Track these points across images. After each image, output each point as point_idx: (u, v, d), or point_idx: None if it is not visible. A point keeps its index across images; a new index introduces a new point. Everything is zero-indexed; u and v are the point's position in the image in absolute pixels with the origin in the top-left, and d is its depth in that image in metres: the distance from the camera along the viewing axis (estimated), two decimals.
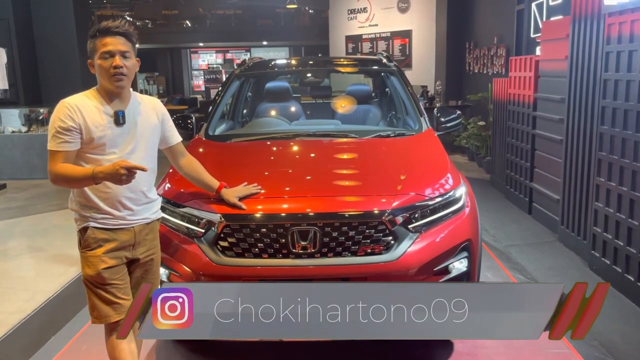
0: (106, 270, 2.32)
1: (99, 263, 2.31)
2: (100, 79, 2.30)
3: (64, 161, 2.24)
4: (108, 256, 2.33)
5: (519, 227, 5.51)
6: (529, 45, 7.34)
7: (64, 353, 3.22)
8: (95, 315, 2.37)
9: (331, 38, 13.36)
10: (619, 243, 3.89)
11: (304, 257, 2.58)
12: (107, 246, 2.33)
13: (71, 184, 2.27)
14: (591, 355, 3.07)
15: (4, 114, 8.77)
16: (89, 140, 2.26)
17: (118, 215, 2.34)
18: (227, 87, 4.32)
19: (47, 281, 4.28)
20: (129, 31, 2.32)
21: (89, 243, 2.32)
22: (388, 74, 4.59)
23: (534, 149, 5.72)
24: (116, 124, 2.30)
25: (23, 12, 9.85)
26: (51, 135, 2.24)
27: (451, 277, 2.70)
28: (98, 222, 2.33)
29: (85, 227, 2.33)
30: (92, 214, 2.32)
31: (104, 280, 2.32)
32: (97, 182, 2.20)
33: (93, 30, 2.28)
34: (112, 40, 2.26)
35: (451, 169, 3.08)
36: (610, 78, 3.97)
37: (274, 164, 3.34)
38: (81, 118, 2.24)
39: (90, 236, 2.32)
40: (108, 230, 2.33)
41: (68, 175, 2.22)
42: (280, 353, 3.13)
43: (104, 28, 2.26)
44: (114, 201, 2.33)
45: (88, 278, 2.34)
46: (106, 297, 2.34)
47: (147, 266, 2.49)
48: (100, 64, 2.26)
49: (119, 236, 2.35)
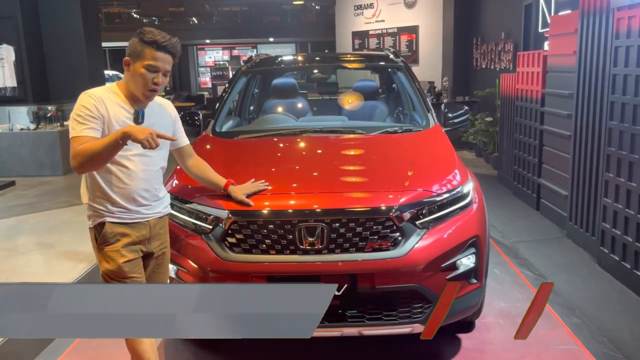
0: (126, 264, 2.33)
1: (119, 257, 2.32)
2: (132, 83, 2.28)
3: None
4: (127, 250, 2.34)
5: (527, 223, 5.49)
6: (536, 41, 7.30)
7: (72, 349, 3.25)
8: None
9: (338, 34, 13.33)
10: (627, 239, 3.87)
11: (312, 253, 2.58)
12: (125, 240, 2.33)
13: (98, 158, 2.16)
14: (599, 352, 3.05)
15: (12, 111, 8.82)
16: (109, 134, 2.23)
17: (134, 209, 2.35)
18: (234, 84, 4.32)
19: (57, 277, 4.31)
20: (179, 52, 2.33)
21: (107, 238, 2.32)
22: (395, 70, 4.58)
23: (542, 145, 5.69)
24: (135, 122, 2.30)
25: (30, 9, 9.89)
26: (75, 122, 2.20)
27: (459, 274, 2.69)
28: (115, 217, 2.32)
29: (101, 222, 2.32)
30: (109, 207, 2.31)
31: (124, 274, 2.33)
32: (124, 141, 2.11)
33: (149, 39, 2.23)
34: (163, 56, 2.26)
35: (459, 165, 3.07)
36: (620, 73, 3.94)
37: (281, 160, 3.34)
38: (105, 110, 2.24)
39: (107, 231, 2.31)
40: (125, 225, 2.34)
41: (94, 149, 2.12)
42: (285, 350, 3.13)
43: (162, 43, 2.24)
44: (131, 196, 2.34)
45: (108, 273, 2.33)
46: None
47: (159, 260, 2.52)
48: (142, 74, 2.24)
49: (135, 230, 2.37)
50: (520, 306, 3.59)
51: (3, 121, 8.80)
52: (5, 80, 9.15)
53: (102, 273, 2.36)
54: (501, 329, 3.29)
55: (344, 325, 2.63)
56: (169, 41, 2.26)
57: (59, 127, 8.71)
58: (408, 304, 2.64)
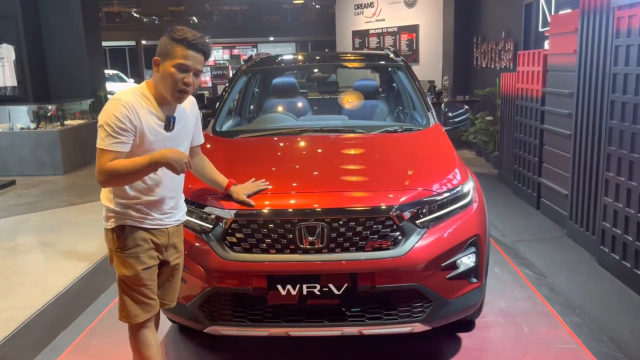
0: (144, 271, 2.29)
1: (138, 264, 2.28)
2: (162, 84, 2.20)
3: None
4: (146, 256, 2.29)
5: (527, 222, 5.49)
6: (537, 40, 7.29)
7: (73, 348, 3.25)
8: (124, 315, 2.33)
9: (338, 33, 13.33)
10: (628, 238, 3.87)
11: (312, 252, 2.58)
12: (145, 246, 2.29)
13: (126, 179, 2.16)
14: (600, 351, 3.05)
15: (12, 110, 8.82)
16: (140, 144, 2.18)
17: (157, 216, 2.32)
18: (234, 83, 4.32)
19: (57, 277, 4.32)
20: (210, 51, 2.26)
21: (127, 243, 2.27)
22: (395, 69, 4.58)
23: (542, 144, 5.69)
24: (166, 129, 2.25)
25: (31, 9, 9.89)
26: (105, 133, 2.10)
27: (459, 273, 2.69)
28: (136, 221, 2.27)
29: (121, 225, 2.26)
30: (131, 212, 2.26)
31: (141, 281, 2.29)
32: (157, 168, 2.15)
33: (179, 36, 2.16)
34: (193, 55, 2.17)
35: (459, 164, 3.07)
36: (620, 72, 3.94)
37: (282, 159, 3.34)
38: (138, 120, 2.15)
39: (128, 235, 2.26)
40: (145, 230, 2.29)
41: (124, 170, 2.10)
42: (285, 349, 3.13)
43: (192, 41, 2.16)
44: (157, 203, 2.30)
45: (124, 279, 2.29)
46: (138, 298, 2.31)
47: (174, 270, 2.49)
48: (172, 73, 2.16)
49: (155, 237, 2.33)
50: (520, 305, 3.59)
51: (3, 120, 8.80)
52: (5, 80, 9.16)
53: (119, 278, 2.31)
54: (501, 328, 3.29)
55: (344, 325, 2.63)
56: (200, 39, 2.18)
57: (59, 126, 8.71)
58: (408, 303, 2.64)
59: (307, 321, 2.65)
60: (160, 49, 2.20)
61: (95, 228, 5.67)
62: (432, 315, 2.66)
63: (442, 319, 2.73)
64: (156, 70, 2.21)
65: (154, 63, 2.21)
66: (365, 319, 2.63)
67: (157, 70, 2.20)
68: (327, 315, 2.64)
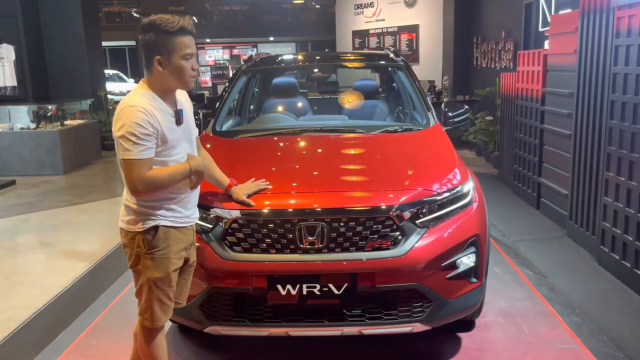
0: (174, 273, 2.29)
1: (169, 265, 2.27)
2: (174, 79, 2.19)
3: (148, 169, 2.12)
4: (176, 257, 2.29)
5: (527, 222, 5.49)
6: (537, 39, 7.29)
7: (73, 348, 3.25)
8: (148, 318, 2.30)
9: (338, 33, 13.33)
10: (628, 238, 3.87)
11: (312, 252, 2.58)
12: (175, 246, 2.28)
13: (165, 187, 2.19)
14: (600, 351, 3.05)
15: (12, 110, 8.83)
16: (162, 144, 2.18)
17: (185, 213, 2.32)
18: (234, 83, 4.32)
19: (57, 277, 4.32)
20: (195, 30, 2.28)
21: (158, 243, 2.23)
22: (395, 69, 4.58)
23: (542, 144, 5.68)
24: (177, 123, 2.25)
25: (31, 9, 9.90)
26: (131, 142, 2.07)
27: (459, 273, 2.69)
28: (169, 220, 2.26)
29: (155, 226, 2.23)
30: (163, 212, 2.24)
31: (170, 282, 2.29)
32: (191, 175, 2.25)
33: (172, 27, 2.14)
34: (190, 40, 2.19)
35: (459, 164, 3.07)
36: (620, 72, 3.94)
37: (282, 159, 3.34)
38: (157, 123, 2.14)
39: (161, 236, 2.24)
40: (176, 229, 2.29)
41: (167, 178, 2.16)
42: (285, 349, 3.14)
43: (186, 27, 2.16)
44: (187, 199, 2.32)
45: (155, 281, 2.25)
46: (164, 300, 2.30)
47: (191, 267, 2.49)
48: (182, 65, 2.16)
49: (184, 235, 2.33)
50: (520, 305, 3.59)
51: (3, 120, 8.81)
52: (5, 80, 9.17)
53: (149, 280, 2.25)
54: (501, 328, 3.29)
55: (344, 325, 2.63)
56: (188, 23, 2.20)
57: (59, 126, 8.72)
58: (408, 303, 2.64)
59: (307, 321, 2.65)
60: (158, 46, 2.15)
61: (95, 228, 5.68)
62: (432, 315, 2.66)
63: (442, 318, 2.73)
64: (162, 69, 2.17)
65: (158, 63, 2.16)
66: (365, 319, 2.63)
67: (162, 68, 2.16)
68: (327, 315, 2.65)
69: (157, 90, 2.22)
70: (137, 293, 2.34)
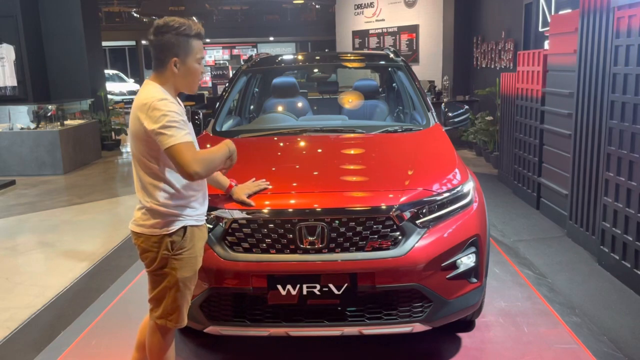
0: (199, 270, 2.34)
1: (196, 263, 2.31)
2: (185, 81, 2.25)
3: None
4: (201, 254, 2.35)
5: (527, 222, 5.49)
6: (537, 40, 7.30)
7: (73, 347, 3.25)
8: (174, 319, 2.30)
9: (338, 33, 13.33)
10: (628, 238, 3.87)
11: (312, 252, 2.58)
12: (198, 244, 2.32)
13: (217, 166, 2.24)
14: (600, 351, 3.05)
15: (12, 110, 8.83)
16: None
17: (202, 210, 2.36)
18: (234, 83, 4.33)
19: (57, 277, 4.32)
20: None
21: (186, 244, 2.25)
22: (395, 69, 4.58)
23: (542, 144, 5.69)
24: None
25: (31, 9, 9.90)
26: (174, 129, 2.08)
27: (459, 273, 2.69)
28: (193, 220, 2.29)
29: (184, 226, 2.25)
30: (189, 212, 2.27)
31: (195, 280, 2.33)
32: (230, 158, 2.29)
33: (193, 31, 2.20)
34: (202, 45, 2.29)
35: (459, 164, 3.07)
36: (620, 72, 3.94)
37: (282, 159, 3.34)
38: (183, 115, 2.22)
39: (189, 236, 2.26)
40: (198, 228, 2.32)
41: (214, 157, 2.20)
42: (285, 349, 3.14)
43: (201, 33, 2.25)
44: (204, 196, 2.36)
45: (185, 281, 2.27)
46: (190, 299, 2.35)
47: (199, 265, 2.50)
48: (196, 69, 2.24)
49: (203, 232, 2.37)
50: (520, 305, 3.59)
51: (3, 120, 8.81)
52: (5, 80, 9.17)
53: (179, 281, 2.25)
54: (501, 328, 3.29)
55: (344, 325, 2.64)
56: (202, 29, 2.27)
57: (59, 126, 8.72)
58: (408, 303, 2.64)
59: (307, 321, 2.65)
60: (177, 48, 2.19)
61: (95, 228, 5.68)
62: (432, 315, 2.66)
63: (442, 318, 2.73)
64: (176, 69, 2.21)
65: (174, 64, 2.20)
66: (365, 319, 2.63)
67: (177, 69, 2.21)
68: (327, 315, 2.65)
69: (170, 89, 2.26)
70: (157, 297, 2.29)
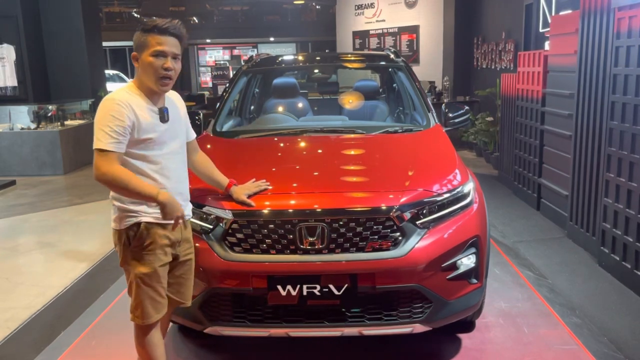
0: (161, 268, 2.31)
1: (156, 260, 2.29)
2: (145, 76, 2.25)
3: (117, 163, 2.16)
4: (162, 253, 2.31)
5: (527, 223, 5.49)
6: (537, 40, 7.30)
7: (73, 348, 3.25)
8: (138, 315, 2.32)
9: (338, 34, 13.33)
10: (628, 239, 3.87)
11: (312, 253, 2.58)
12: (161, 242, 2.30)
13: (122, 191, 2.20)
14: (600, 351, 3.05)
15: (13, 110, 8.83)
16: (139, 138, 2.21)
17: None
18: (234, 84, 4.32)
19: (57, 277, 4.32)
20: (184, 34, 2.30)
21: (143, 239, 2.27)
22: (395, 70, 4.58)
23: (542, 145, 5.69)
24: (161, 121, 2.29)
25: (31, 9, 9.90)
26: (103, 133, 2.13)
27: (459, 273, 2.69)
28: (151, 217, 2.28)
29: (137, 222, 2.27)
30: (145, 208, 2.27)
31: (158, 278, 2.30)
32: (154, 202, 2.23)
33: (149, 26, 2.22)
34: (167, 40, 2.23)
35: (459, 164, 3.07)
36: (620, 73, 3.94)
37: (282, 160, 3.34)
38: (134, 116, 2.19)
39: (144, 232, 2.27)
40: (160, 226, 2.30)
41: (127, 184, 2.15)
42: (285, 350, 3.13)
43: (162, 27, 2.22)
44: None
45: (142, 277, 2.28)
46: (153, 297, 2.32)
47: (187, 265, 2.50)
48: (150, 62, 2.21)
49: (170, 232, 2.34)
50: (520, 306, 3.59)
51: (4, 120, 8.81)
52: (6, 80, 9.17)
53: (136, 277, 2.29)
54: (501, 329, 3.29)
55: (344, 325, 2.63)
56: (169, 23, 2.24)
57: (59, 126, 8.72)
58: (408, 304, 2.64)
59: (307, 322, 2.65)
60: (135, 43, 2.25)
61: (95, 228, 5.68)
62: (432, 315, 2.66)
63: (442, 319, 2.73)
64: (137, 66, 2.26)
65: (133, 59, 2.27)
66: (365, 320, 2.63)
67: (137, 65, 2.26)
68: (327, 315, 2.64)
69: (141, 88, 2.28)
70: (129, 291, 2.37)
